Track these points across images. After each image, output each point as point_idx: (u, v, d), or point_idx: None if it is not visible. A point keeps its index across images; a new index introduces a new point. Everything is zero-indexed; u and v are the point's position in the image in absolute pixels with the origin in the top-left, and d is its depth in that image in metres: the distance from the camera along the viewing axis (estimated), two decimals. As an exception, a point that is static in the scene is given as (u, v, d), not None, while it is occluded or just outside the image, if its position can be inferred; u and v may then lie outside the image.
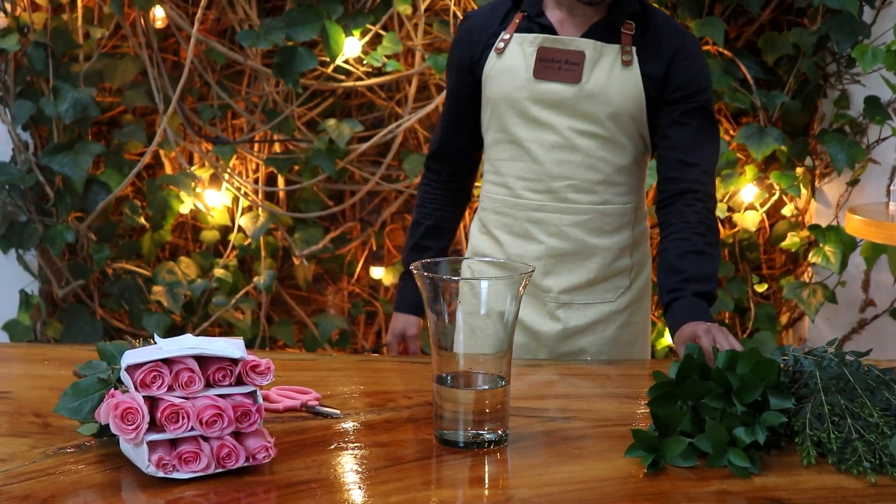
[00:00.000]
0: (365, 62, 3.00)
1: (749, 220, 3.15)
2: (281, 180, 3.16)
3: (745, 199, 3.13)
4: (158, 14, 3.02)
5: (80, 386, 1.28)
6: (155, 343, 1.24)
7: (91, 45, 3.00)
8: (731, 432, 1.24)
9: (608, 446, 1.30)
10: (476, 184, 2.13)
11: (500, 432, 1.30)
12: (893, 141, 3.08)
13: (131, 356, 1.20)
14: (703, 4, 3.02)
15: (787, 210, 3.20)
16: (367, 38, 3.00)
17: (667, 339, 3.18)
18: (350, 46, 2.94)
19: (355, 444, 1.31)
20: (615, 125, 1.83)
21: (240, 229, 3.12)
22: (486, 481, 1.20)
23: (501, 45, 1.85)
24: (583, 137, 1.83)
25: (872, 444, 1.21)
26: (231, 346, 1.21)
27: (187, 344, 1.21)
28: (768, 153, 3.02)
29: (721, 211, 3.11)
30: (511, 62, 1.85)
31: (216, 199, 3.13)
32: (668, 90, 1.83)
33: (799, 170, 3.13)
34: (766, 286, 3.25)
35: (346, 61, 3.01)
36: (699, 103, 1.85)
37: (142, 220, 3.10)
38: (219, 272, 3.10)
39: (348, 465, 1.24)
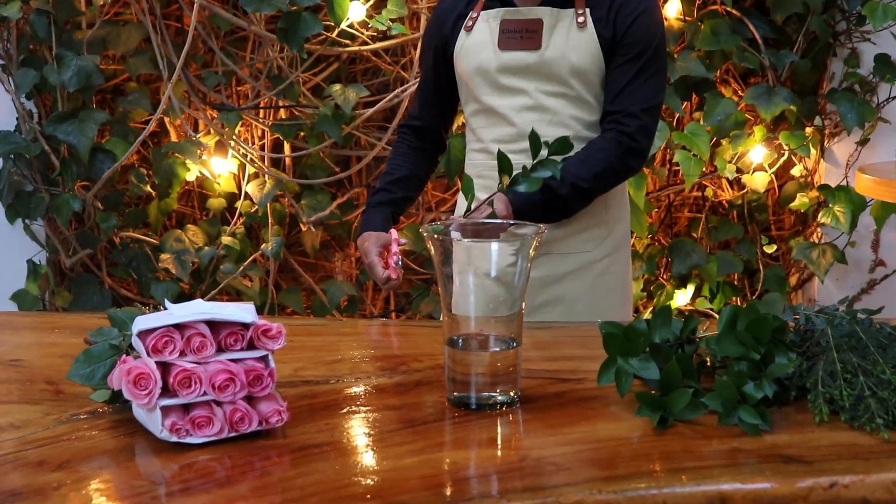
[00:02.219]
0: (370, 26, 2.98)
1: (758, 181, 3.13)
2: (287, 147, 3.15)
3: (753, 159, 3.12)
4: (161, -20, 2.99)
5: (92, 352, 1.28)
6: (166, 309, 1.24)
7: (93, 12, 2.98)
8: (740, 390, 1.24)
9: (620, 406, 1.30)
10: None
11: (511, 394, 1.30)
12: (903, 99, 3.05)
13: (143, 322, 1.19)
14: (711, -37, 2.99)
15: (797, 170, 3.18)
16: (371, 2, 2.97)
17: (676, 301, 3.18)
18: (355, 10, 2.92)
19: (367, 408, 1.31)
20: (580, 84, 1.93)
21: (246, 196, 3.12)
22: (499, 442, 1.21)
23: (470, 23, 1.99)
24: (550, 98, 1.94)
25: (885, 401, 1.21)
26: (242, 311, 1.21)
27: (198, 309, 1.21)
28: (777, 113, 3.00)
29: (730, 172, 3.09)
30: (479, 38, 1.98)
31: (222, 166, 3.13)
32: (620, 46, 1.92)
33: (808, 130, 3.11)
34: (775, 247, 3.24)
35: (351, 25, 2.98)
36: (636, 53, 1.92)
37: (148, 188, 3.09)
38: (226, 240, 3.10)
39: (361, 429, 1.24)
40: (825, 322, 1.33)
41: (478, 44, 1.98)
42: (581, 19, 1.92)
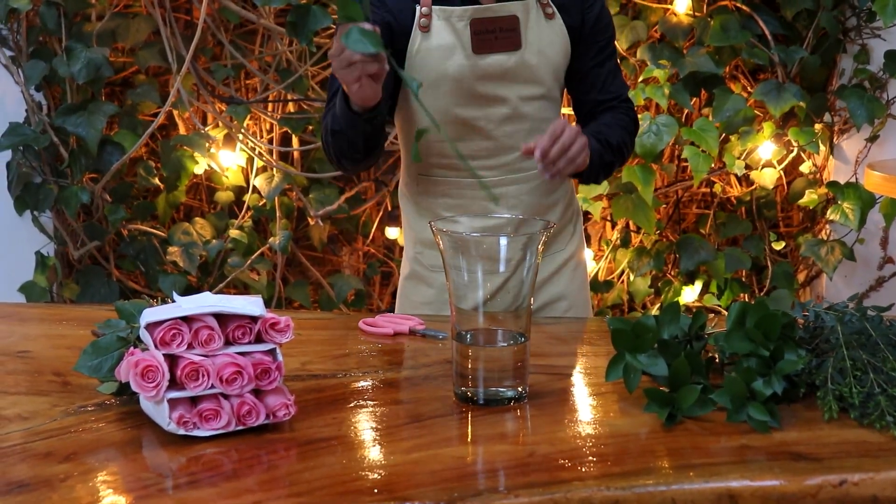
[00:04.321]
0: (378, 20, 2.97)
1: (767, 178, 3.12)
2: (295, 140, 3.15)
3: (762, 156, 3.11)
4: (170, -27, 2.99)
5: (100, 344, 1.28)
6: (174, 301, 1.24)
7: (103, 4, 2.98)
8: (749, 386, 1.24)
9: (628, 402, 1.30)
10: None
11: (519, 389, 1.30)
12: (914, 96, 3.04)
13: (151, 314, 1.19)
14: (721, -42, 2.98)
15: (806, 167, 3.17)
16: (380, -4, 2.97)
17: (684, 297, 3.17)
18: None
19: (374, 402, 1.31)
20: (555, 82, 1.83)
21: (254, 190, 3.12)
22: (507, 437, 1.20)
23: (424, 21, 1.74)
24: (529, 103, 1.80)
25: (895, 398, 1.20)
26: (250, 304, 1.21)
27: (206, 302, 1.21)
28: (786, 109, 2.99)
29: (738, 168, 3.09)
30: (441, 41, 1.75)
31: (230, 159, 3.13)
32: (584, 34, 1.83)
33: (817, 126, 3.10)
34: (783, 244, 3.23)
35: (360, 19, 2.97)
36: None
37: (156, 180, 3.09)
38: (234, 233, 3.10)
39: (368, 423, 1.24)
40: (835, 319, 1.33)
41: (441, 48, 1.74)
42: (549, 10, 1.78)
